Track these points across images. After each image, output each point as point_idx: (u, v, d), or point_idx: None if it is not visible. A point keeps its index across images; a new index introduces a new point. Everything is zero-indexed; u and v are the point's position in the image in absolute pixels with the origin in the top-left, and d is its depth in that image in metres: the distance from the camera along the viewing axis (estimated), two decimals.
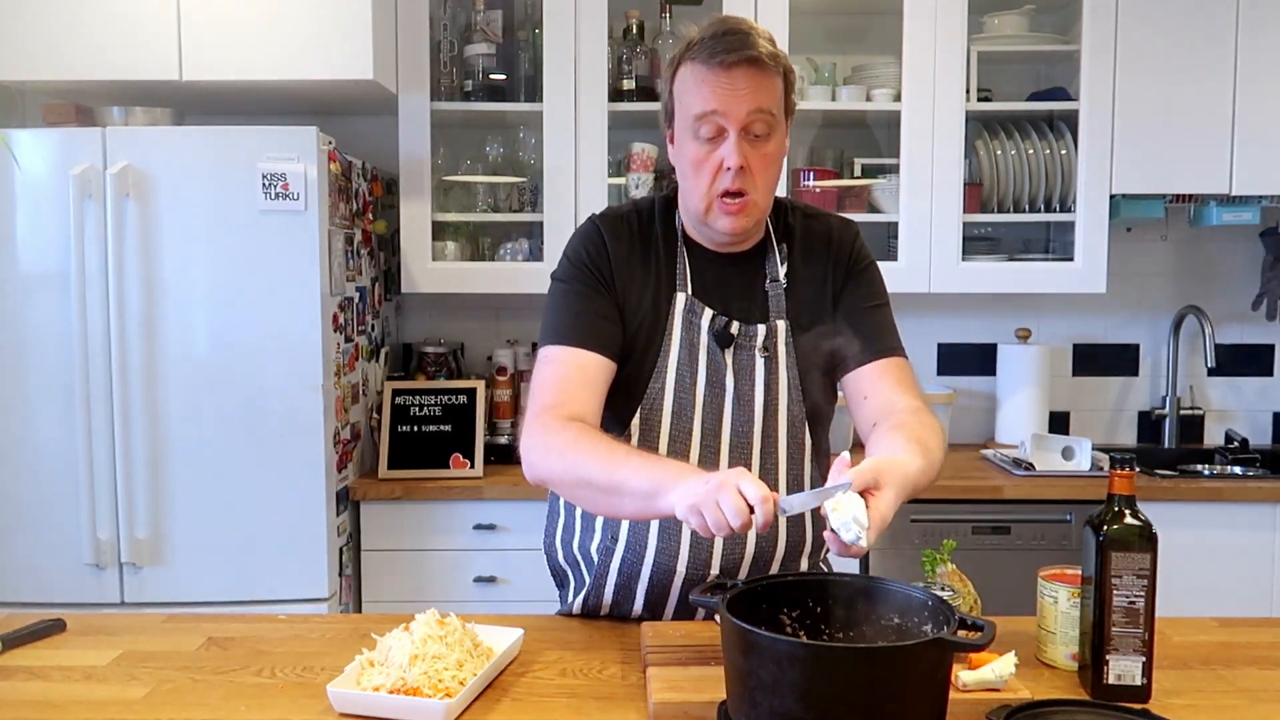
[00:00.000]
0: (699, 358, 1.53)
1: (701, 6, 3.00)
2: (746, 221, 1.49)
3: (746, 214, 1.48)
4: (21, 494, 2.50)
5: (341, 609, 2.61)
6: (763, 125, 1.45)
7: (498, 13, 2.93)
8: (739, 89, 1.42)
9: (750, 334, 1.54)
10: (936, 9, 2.84)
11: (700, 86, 1.43)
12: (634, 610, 1.59)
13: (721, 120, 1.43)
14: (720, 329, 1.53)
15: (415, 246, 2.90)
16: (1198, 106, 2.85)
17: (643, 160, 2.94)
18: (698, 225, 1.55)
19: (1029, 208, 2.98)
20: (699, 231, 1.57)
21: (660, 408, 1.53)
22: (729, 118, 1.43)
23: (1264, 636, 1.53)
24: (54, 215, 2.43)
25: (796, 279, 1.58)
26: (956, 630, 1.09)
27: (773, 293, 1.57)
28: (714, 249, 1.57)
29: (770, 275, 1.57)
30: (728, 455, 1.54)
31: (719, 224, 1.49)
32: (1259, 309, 3.21)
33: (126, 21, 2.55)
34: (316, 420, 2.49)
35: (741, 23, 1.46)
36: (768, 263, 1.58)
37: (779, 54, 1.46)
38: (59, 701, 1.29)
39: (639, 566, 1.55)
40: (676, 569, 1.53)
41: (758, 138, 1.45)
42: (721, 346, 1.53)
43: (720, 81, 1.42)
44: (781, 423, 1.55)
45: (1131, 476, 1.29)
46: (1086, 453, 2.76)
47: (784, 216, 1.62)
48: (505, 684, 1.34)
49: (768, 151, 1.47)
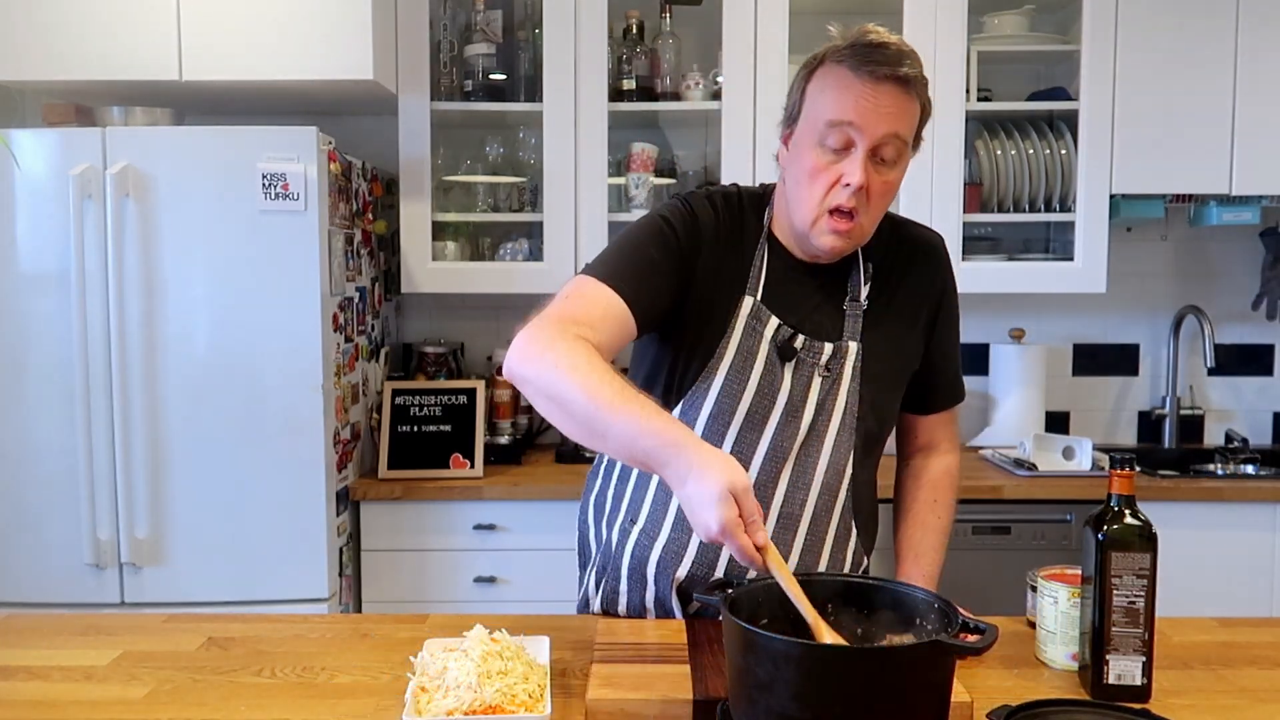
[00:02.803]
0: (754, 367, 1.46)
1: (701, 6, 3.00)
2: (849, 245, 1.44)
3: (851, 237, 1.42)
4: (21, 494, 2.50)
5: (341, 609, 2.61)
6: (893, 151, 1.38)
7: (498, 13, 2.93)
8: (882, 106, 1.34)
9: (815, 350, 1.48)
10: (936, 9, 2.84)
11: (842, 93, 1.36)
12: (645, 600, 1.58)
13: (854, 133, 1.36)
14: (784, 341, 1.46)
15: (415, 246, 2.90)
16: (1198, 106, 2.85)
17: (643, 160, 2.94)
18: (794, 235, 1.48)
19: (1029, 208, 2.98)
20: (790, 238, 1.50)
21: (700, 406, 1.48)
22: (864, 132, 1.35)
23: (1264, 636, 1.53)
24: (54, 215, 2.43)
25: (879, 300, 1.52)
26: (958, 633, 1.09)
27: (850, 312, 1.50)
28: (799, 256, 1.50)
29: (851, 294, 1.51)
30: (758, 468, 1.47)
31: (821, 241, 1.42)
32: (1259, 309, 3.21)
33: (126, 21, 2.55)
34: (316, 420, 2.49)
35: (896, 38, 1.38)
36: (851, 280, 1.51)
37: (925, 81, 1.39)
38: (59, 701, 1.29)
39: (649, 551, 1.53)
40: (684, 559, 1.51)
41: (884, 162, 1.38)
42: (783, 359, 1.46)
43: (865, 92, 1.34)
44: (826, 445, 1.50)
45: (1131, 476, 1.29)
46: (1087, 453, 2.76)
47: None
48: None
49: (889, 179, 1.40)
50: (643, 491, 1.56)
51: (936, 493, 1.68)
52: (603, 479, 1.66)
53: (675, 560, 1.52)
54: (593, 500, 1.67)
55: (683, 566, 1.51)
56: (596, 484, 1.68)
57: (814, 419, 1.48)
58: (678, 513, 1.50)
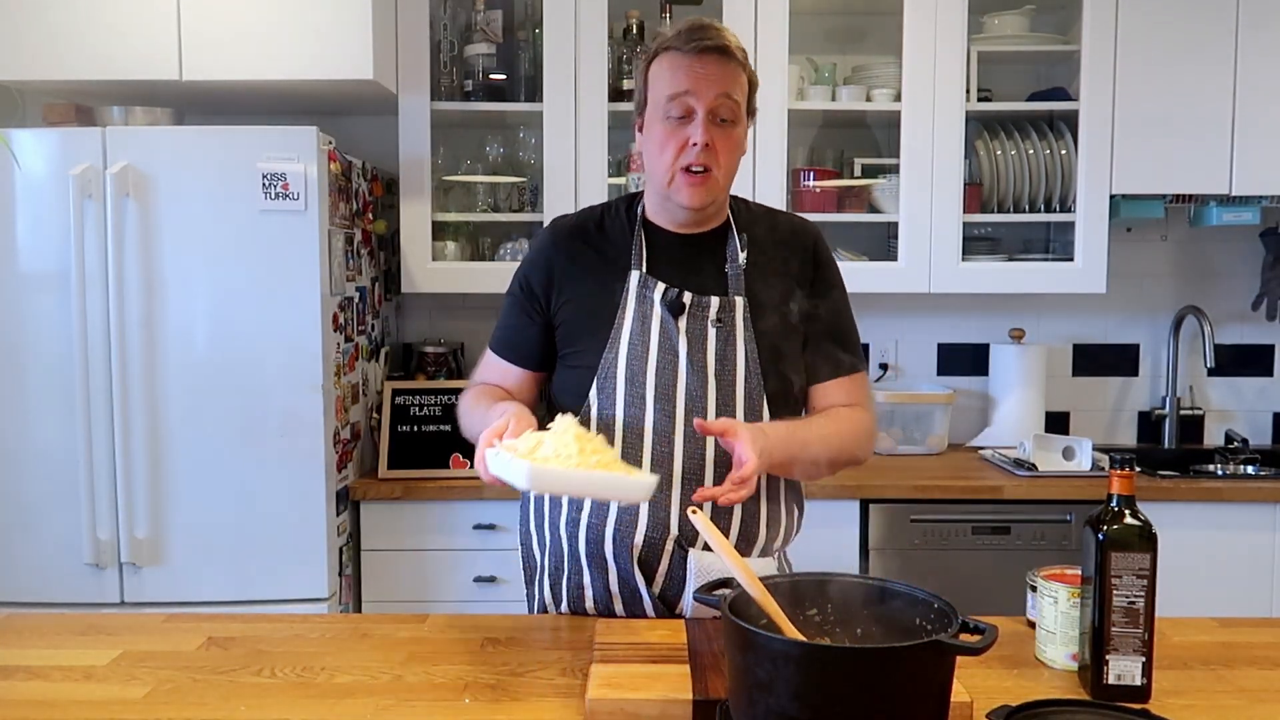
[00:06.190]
0: (651, 327, 1.59)
1: (701, 6, 3.00)
2: (707, 195, 1.57)
3: (708, 188, 1.56)
4: (21, 494, 2.50)
5: (341, 609, 2.61)
6: (728, 111, 1.55)
7: (498, 13, 2.93)
8: (709, 73, 1.53)
9: (703, 304, 1.60)
10: (936, 9, 2.84)
11: (674, 72, 1.54)
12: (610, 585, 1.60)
13: (691, 100, 1.53)
14: (672, 299, 1.59)
15: (415, 246, 2.90)
16: (1198, 106, 2.85)
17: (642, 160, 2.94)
18: (660, 202, 1.63)
19: (1029, 208, 2.98)
20: (661, 212, 1.64)
21: (614, 375, 1.59)
22: (699, 97, 1.53)
23: (1264, 636, 1.53)
24: (54, 215, 2.43)
25: (757, 263, 1.64)
26: (958, 633, 1.08)
27: (731, 273, 1.63)
28: (674, 230, 1.64)
29: (730, 257, 1.64)
30: (683, 418, 1.57)
31: (680, 195, 1.56)
32: (1259, 309, 3.21)
33: (126, 21, 2.55)
34: (316, 420, 2.49)
35: (713, 21, 1.58)
36: (728, 246, 1.64)
37: (745, 52, 1.58)
38: (59, 701, 1.29)
39: (603, 530, 1.58)
40: (638, 526, 1.56)
41: (724, 121, 1.55)
42: (674, 314, 1.59)
43: (692, 65, 1.53)
44: (739, 396, 1.58)
45: (1131, 476, 1.29)
46: (1087, 453, 2.76)
47: (746, 209, 1.70)
48: (505, 684, 1.34)
49: (733, 135, 1.57)
50: None
51: (830, 413, 1.65)
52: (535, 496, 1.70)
53: (630, 530, 1.56)
54: (531, 511, 1.72)
55: (638, 534, 1.56)
56: (531, 502, 1.72)
57: (719, 370, 1.58)
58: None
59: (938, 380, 3.27)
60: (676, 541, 1.56)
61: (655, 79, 1.58)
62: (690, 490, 1.53)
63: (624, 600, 1.61)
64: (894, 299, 3.14)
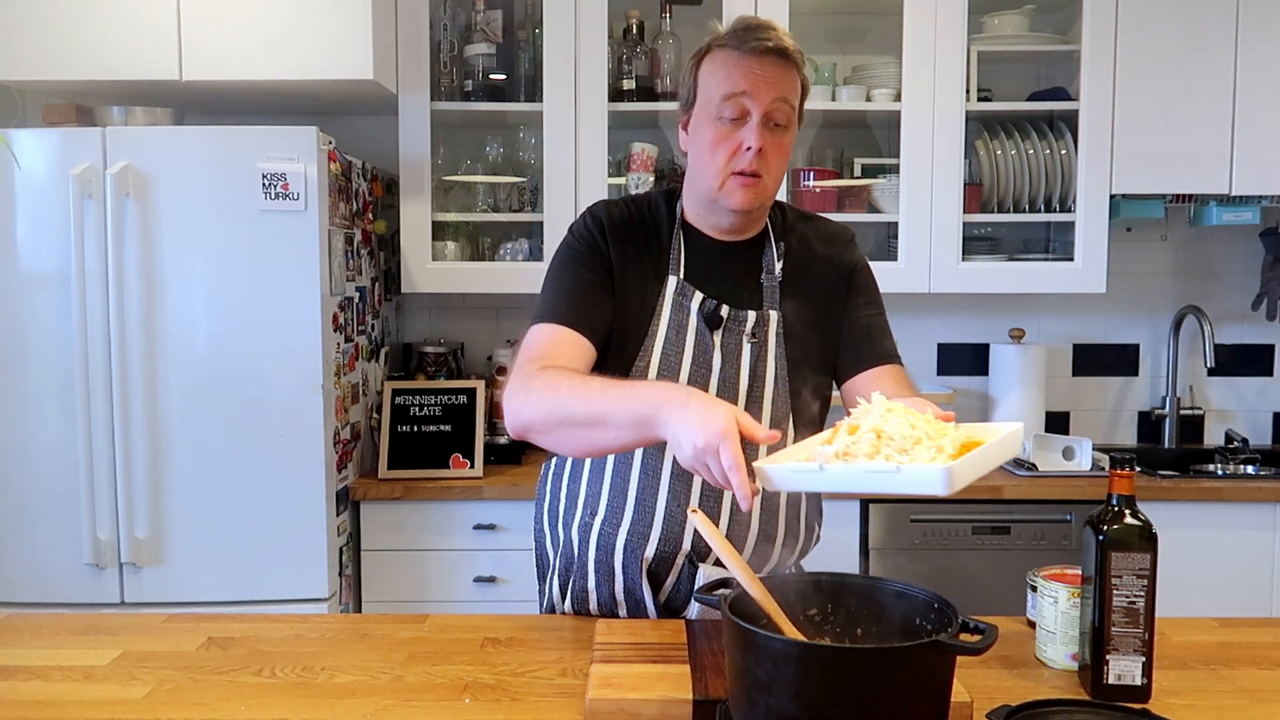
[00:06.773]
0: (686, 338, 1.55)
1: (701, 6, 3.00)
2: (757, 200, 1.52)
3: (758, 192, 1.51)
4: (21, 494, 2.50)
5: (341, 609, 2.61)
6: (783, 115, 1.50)
7: (498, 13, 2.93)
8: (767, 75, 1.47)
9: (740, 319, 1.57)
10: (936, 9, 2.84)
11: (730, 70, 1.48)
12: (615, 593, 1.59)
13: (747, 102, 1.47)
14: (710, 311, 1.55)
15: (415, 246, 2.90)
16: (1198, 106, 2.85)
17: (643, 160, 2.94)
18: (706, 206, 1.57)
19: (1029, 208, 2.98)
20: (703, 217, 1.59)
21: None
22: (755, 99, 1.47)
23: (1264, 636, 1.53)
24: (54, 215, 2.43)
25: (793, 276, 1.61)
26: (958, 633, 1.08)
27: (767, 284, 1.59)
28: (714, 236, 1.60)
29: (766, 268, 1.60)
30: None
31: (731, 199, 1.51)
32: (1259, 309, 3.21)
33: (126, 21, 2.55)
34: (316, 420, 2.49)
35: (770, 21, 1.53)
36: (765, 256, 1.61)
37: (802, 55, 1.53)
38: (59, 701, 1.29)
39: (614, 538, 1.56)
40: (650, 539, 1.54)
41: (777, 126, 1.50)
42: (710, 328, 1.56)
43: (750, 66, 1.47)
44: (765, 410, 1.56)
45: (1131, 476, 1.29)
46: (1087, 453, 2.76)
47: (783, 216, 1.66)
48: (505, 684, 1.34)
49: (784, 142, 1.52)
50: (598, 485, 1.58)
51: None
52: (553, 484, 1.68)
53: (641, 542, 1.54)
54: (546, 508, 1.70)
55: (649, 546, 1.54)
56: (548, 491, 1.70)
57: (750, 385, 1.56)
58: (638, 494, 1.54)
59: (938, 380, 3.27)
60: (688, 556, 1.54)
61: (707, 77, 1.52)
62: (708, 505, 1.51)
63: (629, 609, 1.59)
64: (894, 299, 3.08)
